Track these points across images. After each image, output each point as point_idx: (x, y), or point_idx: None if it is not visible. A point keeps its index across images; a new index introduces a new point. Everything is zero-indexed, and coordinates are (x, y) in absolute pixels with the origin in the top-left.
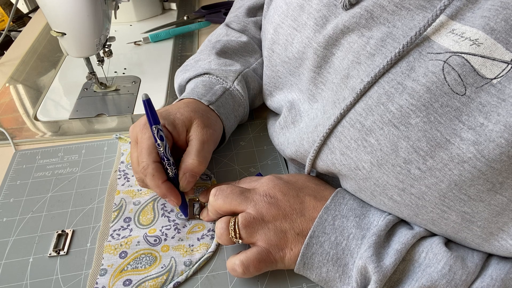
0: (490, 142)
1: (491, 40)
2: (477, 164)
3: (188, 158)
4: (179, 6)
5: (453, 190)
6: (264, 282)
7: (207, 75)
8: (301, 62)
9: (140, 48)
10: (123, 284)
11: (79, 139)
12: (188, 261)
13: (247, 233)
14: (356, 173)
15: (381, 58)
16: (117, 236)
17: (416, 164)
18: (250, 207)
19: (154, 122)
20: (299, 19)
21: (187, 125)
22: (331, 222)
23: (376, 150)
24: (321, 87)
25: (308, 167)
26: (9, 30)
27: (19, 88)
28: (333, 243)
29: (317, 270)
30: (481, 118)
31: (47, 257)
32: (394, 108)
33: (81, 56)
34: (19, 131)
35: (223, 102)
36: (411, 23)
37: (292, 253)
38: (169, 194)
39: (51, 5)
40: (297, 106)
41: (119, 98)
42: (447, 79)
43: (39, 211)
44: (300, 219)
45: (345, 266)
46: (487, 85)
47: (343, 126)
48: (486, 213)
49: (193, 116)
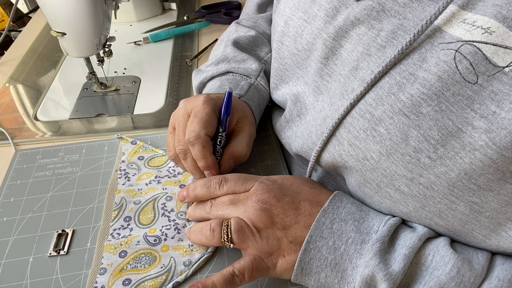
0: (502, 130)
1: (503, 28)
2: (488, 152)
3: (238, 146)
4: (179, 6)
5: (463, 179)
6: (264, 282)
7: (231, 74)
8: (309, 54)
9: (140, 48)
10: (123, 284)
11: (79, 139)
12: (187, 261)
13: (239, 239)
14: (363, 163)
15: (392, 50)
16: (117, 235)
17: (427, 153)
18: (243, 214)
19: (227, 113)
20: (310, 11)
21: (239, 116)
22: (329, 225)
23: (386, 139)
24: (326, 79)
25: (312, 161)
26: (9, 30)
27: (19, 88)
28: (331, 248)
29: (315, 276)
30: (493, 107)
31: (47, 257)
32: (405, 98)
33: (81, 56)
34: (19, 131)
35: (251, 96)
36: (422, 14)
37: (284, 260)
38: (213, 167)
39: (51, 5)
40: (302, 99)
41: (119, 98)
42: (459, 68)
43: (40, 211)
44: (294, 226)
45: (343, 271)
46: (499, 73)
47: (353, 116)
48: (495, 203)
49: (246, 111)
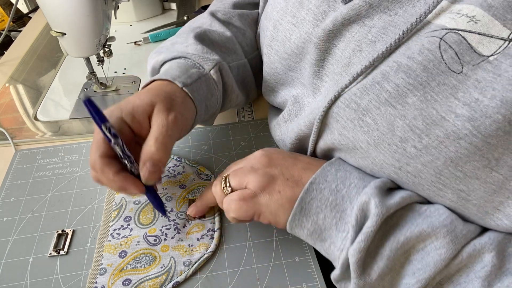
0: (486, 118)
1: (488, 17)
2: (473, 140)
3: (146, 146)
4: (179, 6)
5: (449, 167)
6: (264, 282)
7: (183, 58)
8: (301, 57)
9: (140, 48)
10: (123, 284)
11: (79, 139)
12: (187, 261)
13: (236, 180)
14: (355, 152)
15: (381, 44)
16: (117, 235)
17: (412, 142)
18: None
19: (101, 120)
20: (298, 15)
21: (148, 111)
22: (334, 173)
23: (373, 129)
24: (324, 79)
25: (311, 148)
26: (9, 30)
27: (19, 88)
28: (333, 190)
29: (313, 217)
30: (476, 94)
31: (47, 257)
32: (391, 88)
33: (81, 56)
34: (19, 131)
35: (198, 87)
36: (412, 9)
37: (279, 195)
38: (127, 185)
39: (51, 5)
40: (301, 100)
41: (119, 98)
42: (444, 57)
43: (40, 211)
44: (292, 167)
45: (343, 212)
46: (483, 62)
47: (338, 106)
48: (481, 191)
49: (154, 100)
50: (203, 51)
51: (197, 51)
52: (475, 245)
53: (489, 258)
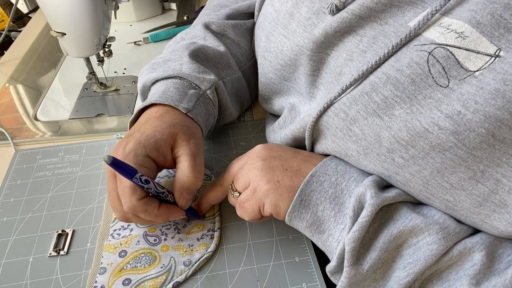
0: (470, 132)
1: (476, 33)
2: (458, 152)
3: (183, 176)
4: (179, 6)
5: (436, 177)
6: (264, 282)
7: (179, 78)
8: (295, 68)
9: (140, 48)
10: (123, 283)
11: (79, 139)
12: (187, 261)
13: (239, 183)
14: (348, 159)
15: (371, 54)
16: (118, 235)
17: (399, 153)
18: (244, 160)
19: (132, 174)
20: (289, 26)
21: (171, 143)
22: (334, 167)
23: (361, 139)
24: (320, 88)
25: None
26: (9, 30)
27: (19, 88)
28: (333, 183)
29: (313, 209)
30: (459, 106)
31: (47, 257)
32: (379, 99)
33: (81, 56)
34: (19, 131)
35: (199, 110)
36: (402, 19)
37: (278, 185)
38: (171, 215)
39: (51, 5)
40: (297, 108)
41: (119, 98)
42: (432, 72)
43: (40, 211)
44: (291, 159)
45: (341, 204)
46: (469, 77)
47: (328, 115)
48: (467, 203)
49: (174, 132)
50: (198, 70)
51: (193, 71)
52: (466, 243)
53: (479, 257)
